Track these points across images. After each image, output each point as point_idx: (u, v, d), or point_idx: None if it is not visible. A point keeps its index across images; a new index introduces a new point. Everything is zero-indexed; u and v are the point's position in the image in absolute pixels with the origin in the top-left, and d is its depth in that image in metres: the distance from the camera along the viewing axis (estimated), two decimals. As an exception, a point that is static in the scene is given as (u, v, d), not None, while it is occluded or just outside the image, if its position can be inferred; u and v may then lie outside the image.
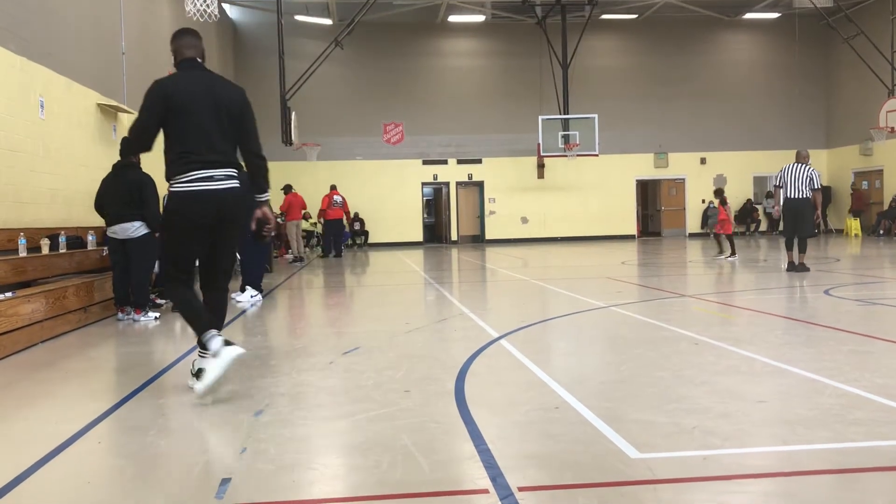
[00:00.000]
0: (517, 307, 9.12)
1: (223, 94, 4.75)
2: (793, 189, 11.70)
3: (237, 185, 4.75)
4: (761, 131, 28.58)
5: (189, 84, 4.71)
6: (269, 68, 23.76)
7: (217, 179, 4.64)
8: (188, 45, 4.87)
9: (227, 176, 4.69)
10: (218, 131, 4.67)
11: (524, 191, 28.04)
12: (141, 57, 14.77)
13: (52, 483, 3.21)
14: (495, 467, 3.11)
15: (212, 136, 4.64)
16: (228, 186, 4.69)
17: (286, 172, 24.00)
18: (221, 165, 4.66)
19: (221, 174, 4.66)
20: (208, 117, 4.64)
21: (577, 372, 5.19)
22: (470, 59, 28.33)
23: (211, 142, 4.64)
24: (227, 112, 4.71)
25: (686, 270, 13.97)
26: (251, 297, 9.83)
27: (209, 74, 4.85)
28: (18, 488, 3.07)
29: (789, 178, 11.74)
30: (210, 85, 4.74)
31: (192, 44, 4.88)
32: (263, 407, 4.26)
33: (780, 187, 11.98)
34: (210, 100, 4.67)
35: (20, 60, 9.38)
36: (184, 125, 4.62)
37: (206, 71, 4.87)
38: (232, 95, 4.80)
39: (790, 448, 3.34)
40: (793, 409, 3.96)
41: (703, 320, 7.37)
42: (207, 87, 4.71)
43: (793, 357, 5.26)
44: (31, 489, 3.09)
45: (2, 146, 8.80)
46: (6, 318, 6.27)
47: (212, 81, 4.79)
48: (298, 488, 3.03)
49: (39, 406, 4.74)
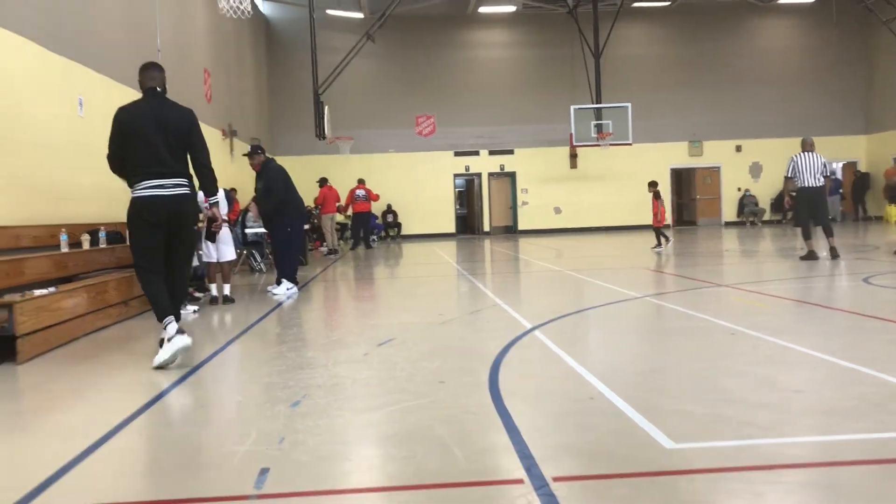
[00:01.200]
0: (551, 298, 9.10)
1: (170, 116, 5.65)
2: (810, 177, 11.78)
3: (185, 191, 5.64)
4: (798, 118, 28.08)
5: (139, 110, 5.64)
6: (302, 63, 23.88)
7: (166, 187, 5.54)
8: (150, 78, 5.77)
9: (176, 184, 5.59)
10: (165, 147, 5.55)
11: (557, 181, 27.90)
12: (176, 54, 14.94)
13: (95, 473, 3.29)
14: (530, 458, 3.13)
15: (159, 152, 5.53)
16: (176, 193, 5.58)
17: (320, 166, 24.15)
18: (169, 175, 5.55)
19: (170, 183, 5.56)
20: (155, 137, 5.53)
21: (611, 363, 5.18)
22: (501, 49, 28.22)
23: (159, 157, 5.52)
24: (175, 131, 5.62)
25: (722, 260, 13.82)
26: (287, 290, 9.93)
27: (161, 101, 5.73)
28: (63, 478, 3.15)
29: (804, 167, 11.80)
30: (158, 110, 5.64)
31: (153, 76, 5.78)
32: (300, 398, 4.31)
33: (792, 178, 11.99)
34: (156, 122, 5.55)
35: (60, 60, 9.56)
36: (135, 145, 5.54)
37: (160, 98, 5.75)
38: (178, 117, 5.71)
39: (829, 438, 3.31)
40: (831, 398, 3.92)
41: (739, 310, 7.30)
42: (155, 112, 5.61)
43: (831, 346, 5.20)
44: (75, 479, 3.17)
45: (43, 144, 8.98)
46: (49, 313, 6.41)
47: (161, 106, 5.68)
48: (335, 478, 3.07)
49: (83, 398, 4.85)
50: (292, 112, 26.12)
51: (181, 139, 5.65)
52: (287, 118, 26.43)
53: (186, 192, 5.66)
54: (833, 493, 2.71)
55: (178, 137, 5.63)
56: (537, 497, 2.71)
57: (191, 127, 5.75)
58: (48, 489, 3.02)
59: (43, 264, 7.75)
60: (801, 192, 11.90)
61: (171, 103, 5.82)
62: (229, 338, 6.94)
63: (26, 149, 8.59)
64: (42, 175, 8.91)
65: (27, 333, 5.95)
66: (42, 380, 5.38)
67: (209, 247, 9.30)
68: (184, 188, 5.64)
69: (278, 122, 26.62)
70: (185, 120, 5.74)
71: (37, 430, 4.09)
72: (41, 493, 2.97)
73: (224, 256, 9.39)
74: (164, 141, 5.55)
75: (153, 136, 5.53)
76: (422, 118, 27.26)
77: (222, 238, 9.36)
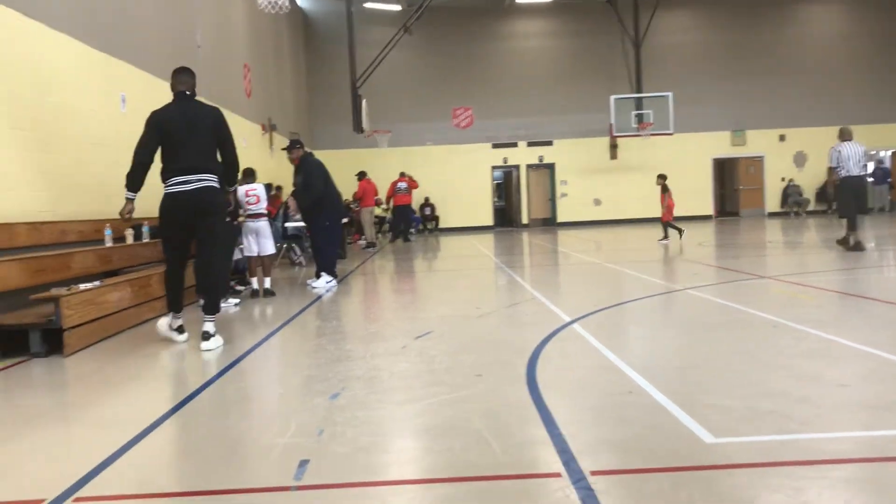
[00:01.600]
0: (590, 291, 9.05)
1: (200, 117, 6.11)
2: (855, 167, 11.67)
3: (210, 184, 6.06)
4: (844, 106, 27.46)
5: (172, 113, 6.09)
6: (340, 57, 24.00)
7: (191, 182, 6.00)
8: (181, 82, 6.24)
9: (199, 179, 6.02)
10: (193, 147, 6.01)
11: (596, 172, 27.67)
12: (216, 50, 15.11)
13: (139, 463, 3.36)
14: (568, 451, 3.12)
15: (188, 152, 5.99)
16: (199, 187, 6.01)
17: (358, 160, 24.25)
18: (195, 172, 6.00)
19: (195, 178, 6.01)
20: (185, 137, 6.00)
21: (651, 356, 5.14)
22: (538, 40, 28.05)
23: (186, 156, 5.99)
24: (205, 131, 6.08)
25: (765, 251, 13.61)
26: (326, 283, 10.00)
27: (189, 103, 6.20)
28: (111, 468, 3.22)
29: (849, 157, 11.66)
30: (188, 111, 6.11)
31: (183, 80, 6.24)
32: (339, 390, 4.35)
33: (836, 168, 11.79)
34: (188, 124, 6.02)
35: (102, 57, 9.73)
36: (167, 144, 6.04)
37: (189, 101, 6.22)
38: (206, 116, 6.15)
39: (873, 433, 3.25)
40: (876, 393, 3.84)
41: (782, 302, 7.19)
42: (185, 114, 6.08)
43: (876, 340, 5.09)
44: (121, 468, 3.24)
45: (87, 140, 9.15)
46: (95, 306, 6.55)
47: (191, 108, 6.16)
48: (374, 470, 3.10)
49: (127, 390, 4.95)
50: (330, 106, 26.26)
51: (210, 138, 6.12)
52: (325, 112, 26.59)
53: (210, 186, 6.07)
54: (877, 490, 2.66)
55: (207, 136, 6.10)
56: (575, 490, 2.70)
57: (219, 125, 6.18)
58: (94, 479, 3.09)
59: (88, 258, 7.91)
60: (846, 181, 11.73)
61: (200, 104, 6.30)
62: (270, 330, 7.03)
63: (71, 145, 8.77)
64: (86, 171, 9.09)
65: (73, 326, 6.09)
66: (88, 371, 5.50)
67: (250, 241, 9.41)
68: (208, 182, 6.06)
69: (317, 116, 26.80)
70: (213, 119, 6.17)
71: (83, 421, 4.18)
72: (88, 482, 3.04)
73: (264, 250, 9.50)
74: (194, 141, 6.02)
75: (184, 137, 6.00)
76: (459, 110, 27.23)
77: (263, 232, 9.47)
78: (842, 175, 11.73)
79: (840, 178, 11.75)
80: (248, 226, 9.38)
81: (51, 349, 5.97)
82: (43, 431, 3.94)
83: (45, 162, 8.19)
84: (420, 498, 2.79)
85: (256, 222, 9.43)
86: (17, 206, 7.59)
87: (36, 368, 5.60)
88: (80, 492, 2.95)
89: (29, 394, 4.95)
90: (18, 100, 7.70)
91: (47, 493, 2.91)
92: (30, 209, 7.80)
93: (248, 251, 9.46)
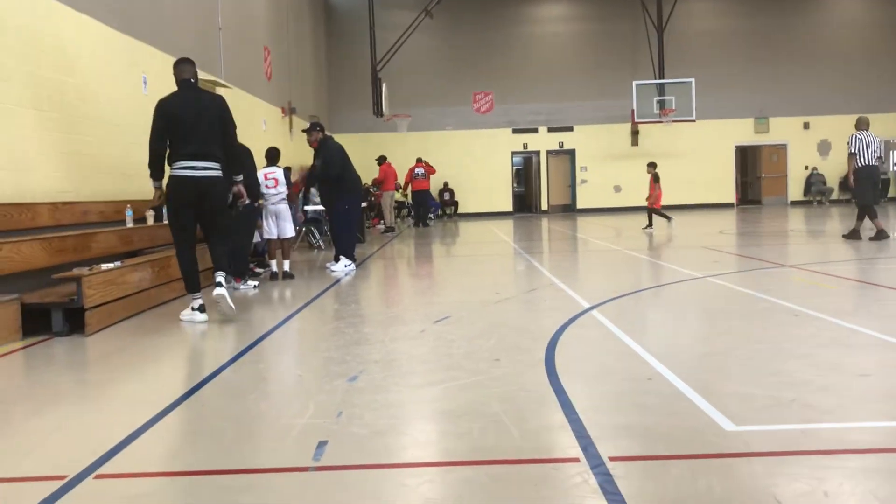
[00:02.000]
0: (609, 278, 9.01)
1: (205, 105, 6.42)
2: (870, 156, 11.74)
3: (215, 173, 6.41)
4: (869, 94, 27.08)
5: (179, 102, 6.39)
6: (360, 40, 23.95)
7: (197, 169, 6.32)
8: (184, 71, 6.53)
9: (206, 167, 6.36)
10: (200, 134, 6.30)
11: (617, 158, 27.48)
12: (236, 32, 15.12)
13: (160, 442, 3.39)
14: (586, 437, 3.11)
15: (195, 138, 6.28)
16: (205, 174, 6.36)
17: (377, 144, 24.23)
18: (201, 158, 6.31)
19: (201, 165, 6.33)
20: (192, 124, 6.28)
21: (671, 343, 5.11)
22: (560, 24, 27.83)
23: (193, 141, 6.28)
24: (209, 117, 6.36)
25: (787, 240, 13.49)
26: (345, 267, 10.02)
27: (197, 92, 6.53)
28: (130, 447, 3.25)
29: (866, 145, 11.71)
30: (196, 100, 6.42)
31: (186, 69, 6.53)
32: (358, 373, 4.36)
33: (855, 154, 11.78)
34: (195, 111, 6.32)
35: (124, 38, 9.76)
36: (175, 131, 6.31)
37: (195, 89, 6.55)
38: (212, 105, 6.48)
39: (895, 423, 3.22)
40: (899, 383, 3.80)
41: (803, 291, 7.12)
42: (193, 102, 6.38)
43: (900, 330, 5.03)
44: (140, 448, 3.27)
45: (109, 121, 9.20)
46: (116, 286, 6.60)
47: (197, 96, 6.47)
48: (392, 452, 3.10)
49: (148, 370, 4.99)
50: (350, 89, 26.24)
51: (215, 124, 6.42)
52: (345, 96, 26.56)
53: (215, 175, 6.45)
54: (900, 480, 2.63)
55: (211, 123, 6.40)
56: (593, 476, 2.70)
57: (222, 112, 6.52)
58: (115, 457, 3.12)
59: (109, 239, 7.97)
60: (864, 171, 11.79)
61: (206, 92, 6.74)
62: (289, 313, 7.05)
63: (93, 126, 8.82)
64: (108, 152, 9.14)
65: (95, 306, 6.14)
66: (109, 351, 5.55)
67: (270, 223, 9.44)
68: (213, 170, 6.43)
69: (337, 100, 26.78)
70: (218, 106, 6.53)
71: (104, 400, 4.22)
72: (108, 460, 3.07)
73: (284, 233, 9.53)
74: (200, 127, 6.33)
75: (191, 122, 6.30)
76: (479, 95, 27.12)
77: (283, 215, 9.50)
78: (858, 164, 11.76)
79: (857, 167, 11.77)
80: (269, 208, 9.40)
81: (72, 328, 6.03)
82: (64, 409, 3.98)
83: (67, 143, 8.25)
84: (438, 480, 2.80)
85: (276, 205, 9.45)
86: (39, 186, 7.65)
87: (58, 347, 5.65)
88: (102, 469, 2.97)
89: (51, 372, 5.00)
90: (41, 81, 7.75)
91: (68, 471, 2.94)
92: (51, 189, 7.86)
93: (268, 234, 9.49)
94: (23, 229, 6.99)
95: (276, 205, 9.46)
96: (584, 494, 2.56)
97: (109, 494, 2.76)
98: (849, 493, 2.50)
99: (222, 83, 13.51)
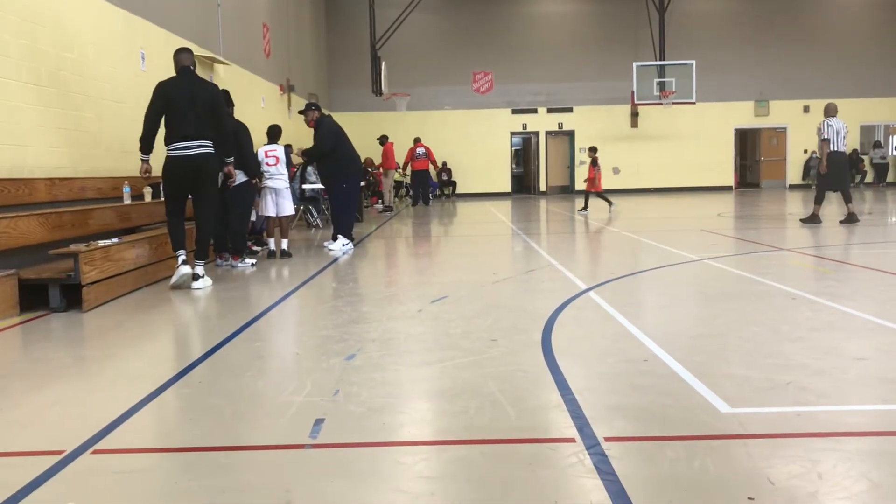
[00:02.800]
0: (607, 259, 9.02)
1: (200, 91, 7.00)
2: (840, 142, 12.08)
3: (207, 150, 6.97)
4: (869, 78, 27.00)
5: (177, 86, 6.99)
6: (360, 18, 23.79)
7: (190, 148, 6.89)
8: (183, 59, 7.15)
9: (199, 146, 6.92)
10: (193, 117, 6.87)
11: (616, 140, 27.40)
12: (235, 8, 15.01)
13: (155, 419, 3.40)
14: (582, 417, 3.12)
15: (189, 120, 6.86)
16: (198, 153, 6.92)
17: (376, 123, 24.16)
18: (194, 139, 6.90)
19: (194, 144, 6.90)
20: (186, 108, 6.87)
21: (667, 325, 5.12)
22: (562, 4, 27.64)
23: (187, 123, 6.86)
24: (202, 103, 6.93)
25: (785, 223, 13.49)
26: (343, 246, 10.01)
27: (193, 78, 7.16)
28: (125, 424, 3.26)
29: (836, 131, 12.04)
30: (191, 85, 7.01)
31: (185, 57, 7.16)
32: (355, 352, 4.37)
33: (828, 140, 12.09)
34: (190, 96, 6.90)
35: (123, 14, 9.69)
36: (171, 113, 6.91)
37: (192, 75, 7.17)
38: (205, 92, 7.06)
39: (890, 407, 3.23)
40: (894, 366, 3.81)
41: (801, 274, 7.13)
42: (189, 87, 6.97)
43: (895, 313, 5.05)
44: (136, 424, 3.28)
45: (107, 98, 9.15)
46: (113, 263, 6.59)
47: (192, 83, 7.07)
48: (388, 430, 3.11)
49: (145, 346, 5.00)
50: (349, 68, 26.10)
51: (207, 110, 6.97)
52: (344, 74, 26.42)
53: (207, 152, 7.00)
54: (893, 462, 2.65)
55: (205, 108, 6.95)
56: (589, 456, 2.71)
57: (214, 99, 7.09)
58: (112, 432, 3.13)
59: (107, 215, 7.95)
60: (834, 156, 12.11)
61: (201, 80, 7.35)
62: (286, 291, 7.06)
63: (91, 102, 8.77)
64: (106, 128, 9.10)
65: (92, 282, 6.13)
66: (106, 327, 5.55)
67: (268, 201, 9.42)
68: (205, 149, 6.97)
69: (335, 78, 26.64)
70: (211, 94, 7.12)
71: (101, 376, 4.23)
72: (106, 435, 3.08)
73: (283, 211, 9.51)
74: (194, 111, 6.89)
75: (186, 106, 6.87)
76: (479, 74, 26.99)
77: (282, 193, 9.47)
78: (829, 150, 12.04)
79: (831, 152, 12.04)
80: (268, 186, 9.37)
81: (70, 304, 6.03)
82: (62, 385, 3.99)
83: (65, 119, 8.21)
84: (434, 458, 2.81)
85: (276, 183, 9.42)
86: (37, 161, 7.62)
87: (55, 323, 5.66)
88: (98, 444, 2.98)
89: (48, 348, 5.00)
90: (38, 56, 7.69)
91: (66, 445, 2.95)
92: (49, 165, 7.83)
93: (266, 211, 9.47)
94: (20, 205, 6.98)
95: (276, 182, 9.42)
96: (580, 474, 2.57)
97: (106, 469, 2.76)
98: (843, 475, 2.52)
99: (220, 60, 13.43)
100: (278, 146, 9.60)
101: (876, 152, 27.42)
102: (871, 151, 27.53)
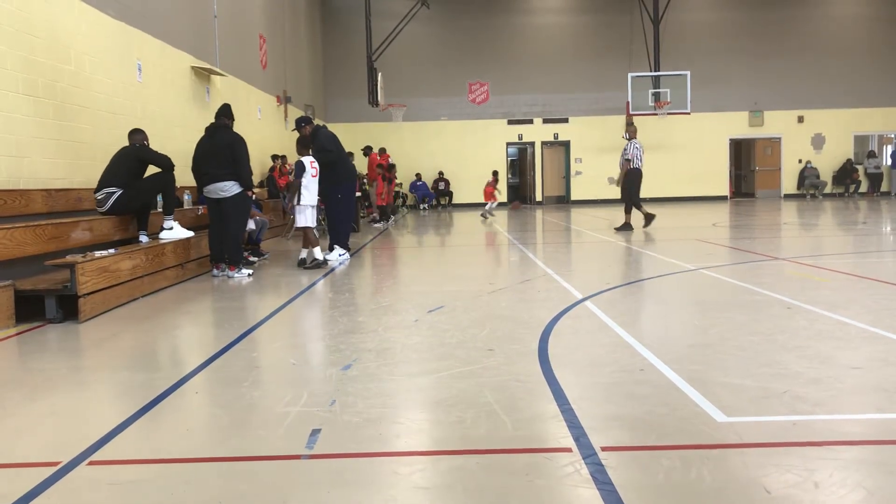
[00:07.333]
0: (603, 269, 9.03)
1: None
2: (639, 161, 14.02)
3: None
4: (863, 88, 27.14)
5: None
6: (356, 29, 23.85)
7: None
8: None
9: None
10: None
11: (612, 150, 27.37)
12: (232, 20, 15.05)
13: (152, 430, 3.40)
14: (578, 427, 3.12)
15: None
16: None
17: (372, 133, 24.18)
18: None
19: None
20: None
21: (663, 335, 5.13)
22: (557, 15, 27.76)
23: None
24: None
25: (780, 233, 13.52)
26: (339, 256, 10.01)
27: (221, 130, 8.59)
28: (122, 435, 3.25)
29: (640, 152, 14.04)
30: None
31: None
32: (352, 362, 4.37)
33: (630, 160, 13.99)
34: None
35: (119, 25, 9.71)
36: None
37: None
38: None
39: (886, 416, 3.24)
40: (889, 376, 3.82)
41: (796, 284, 7.15)
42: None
43: (890, 323, 5.07)
44: (133, 435, 3.28)
45: (103, 108, 9.16)
46: (109, 274, 6.59)
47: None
48: (384, 441, 3.11)
49: (141, 357, 4.99)
50: (346, 79, 26.15)
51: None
52: (340, 85, 26.48)
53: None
54: (889, 472, 2.65)
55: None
56: (585, 466, 2.71)
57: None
58: (108, 443, 3.12)
59: (103, 226, 7.95)
60: (635, 172, 13.99)
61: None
62: (283, 301, 7.05)
63: (87, 113, 8.78)
64: (102, 139, 9.10)
65: (88, 293, 6.13)
66: (102, 338, 5.54)
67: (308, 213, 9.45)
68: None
69: (332, 89, 26.69)
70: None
71: (97, 387, 4.22)
72: (102, 446, 3.08)
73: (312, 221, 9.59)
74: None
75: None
76: (475, 85, 27.07)
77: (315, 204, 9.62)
78: (632, 167, 13.93)
79: (630, 169, 13.93)
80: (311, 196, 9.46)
81: (66, 315, 6.02)
82: (58, 396, 3.98)
83: (61, 129, 8.21)
84: (430, 469, 2.81)
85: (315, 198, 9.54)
86: (33, 172, 7.63)
87: (51, 334, 5.65)
88: (95, 455, 2.98)
89: (44, 358, 4.99)
90: (35, 67, 7.71)
91: (62, 456, 2.94)
92: (45, 176, 7.83)
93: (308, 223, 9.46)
94: (16, 216, 6.98)
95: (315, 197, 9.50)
96: (576, 484, 2.58)
97: (103, 481, 2.76)
98: (839, 484, 2.52)
99: (217, 71, 13.46)
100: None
101: (870, 162, 27.52)
102: (865, 161, 27.63)
